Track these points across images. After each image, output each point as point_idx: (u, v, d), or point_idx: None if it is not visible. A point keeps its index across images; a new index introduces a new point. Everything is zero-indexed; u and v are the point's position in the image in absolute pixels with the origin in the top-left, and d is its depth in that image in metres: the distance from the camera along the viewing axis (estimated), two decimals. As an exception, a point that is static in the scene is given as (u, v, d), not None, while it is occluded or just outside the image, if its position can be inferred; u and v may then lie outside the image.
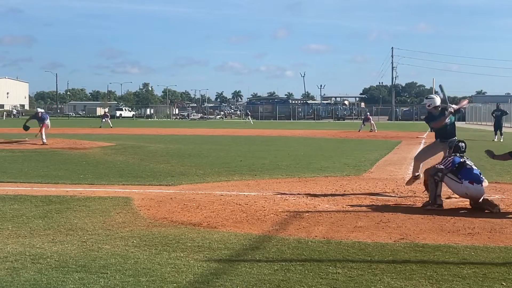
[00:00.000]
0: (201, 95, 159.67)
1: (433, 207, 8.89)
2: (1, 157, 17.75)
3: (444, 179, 9.05)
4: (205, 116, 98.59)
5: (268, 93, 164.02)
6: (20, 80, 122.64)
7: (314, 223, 7.72)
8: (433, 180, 9.10)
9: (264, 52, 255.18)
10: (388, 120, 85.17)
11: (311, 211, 8.60)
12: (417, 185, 10.85)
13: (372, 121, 42.32)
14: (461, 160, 9.22)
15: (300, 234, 6.99)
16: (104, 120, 54.07)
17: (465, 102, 11.68)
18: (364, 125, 42.30)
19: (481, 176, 9.12)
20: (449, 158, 9.33)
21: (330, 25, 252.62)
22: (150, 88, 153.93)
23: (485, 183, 9.09)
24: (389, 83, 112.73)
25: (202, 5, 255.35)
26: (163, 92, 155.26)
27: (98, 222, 7.65)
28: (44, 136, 22.96)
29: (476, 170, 9.16)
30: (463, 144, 9.64)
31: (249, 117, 71.76)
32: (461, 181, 8.90)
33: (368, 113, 45.42)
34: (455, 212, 8.61)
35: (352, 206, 9.10)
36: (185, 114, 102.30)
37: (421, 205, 9.17)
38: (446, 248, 6.27)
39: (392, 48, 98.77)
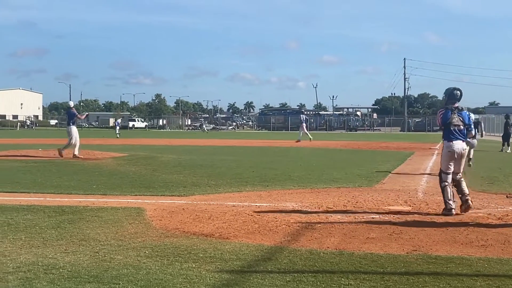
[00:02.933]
0: (213, 106, 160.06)
1: (445, 212, 9.29)
2: (14, 167, 17.85)
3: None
4: (218, 126, 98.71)
5: (280, 104, 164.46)
6: (34, 91, 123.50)
7: (326, 234, 7.70)
8: (440, 187, 9.60)
9: (276, 63, 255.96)
10: (400, 131, 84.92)
11: (323, 222, 8.57)
12: (430, 196, 10.81)
13: (304, 129, 41.49)
14: (448, 119, 9.59)
15: (312, 245, 6.97)
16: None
17: None
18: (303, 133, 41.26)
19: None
20: (439, 114, 9.75)
21: (342, 37, 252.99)
22: (162, 99, 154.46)
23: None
24: (401, 94, 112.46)
25: (214, 16, 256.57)
26: (175, 103, 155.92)
27: (110, 233, 7.67)
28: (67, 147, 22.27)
29: (462, 130, 9.61)
30: (458, 92, 9.79)
31: (204, 126, 72.43)
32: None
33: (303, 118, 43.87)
34: (468, 223, 8.55)
35: (364, 217, 9.07)
36: (198, 125, 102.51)
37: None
38: (459, 260, 6.23)
39: (404, 59, 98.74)
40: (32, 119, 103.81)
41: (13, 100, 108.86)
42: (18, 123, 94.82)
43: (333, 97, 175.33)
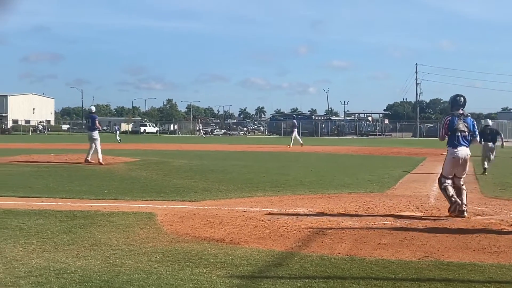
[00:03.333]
0: (225, 111, 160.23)
1: (454, 207, 9.55)
2: (26, 172, 17.95)
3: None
4: (229, 132, 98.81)
5: (291, 109, 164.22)
6: (46, 96, 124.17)
7: (337, 240, 7.68)
8: (441, 190, 9.92)
9: (287, 69, 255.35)
10: (412, 136, 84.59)
11: (334, 228, 8.55)
12: (442, 202, 10.76)
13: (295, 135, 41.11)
14: (455, 126, 9.71)
15: (323, 251, 6.96)
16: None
17: None
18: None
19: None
20: (446, 121, 9.88)
21: (353, 42, 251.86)
22: (174, 104, 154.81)
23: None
24: (413, 100, 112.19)
25: (225, 22, 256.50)
26: (186, 108, 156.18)
27: (121, 238, 7.69)
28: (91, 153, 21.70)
29: (467, 136, 9.77)
30: (461, 98, 9.95)
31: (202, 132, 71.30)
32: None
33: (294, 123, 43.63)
34: (480, 230, 8.50)
35: (375, 223, 9.04)
36: (209, 130, 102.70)
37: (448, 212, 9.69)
38: (471, 267, 6.19)
39: (416, 64, 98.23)
40: (44, 124, 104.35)
41: (26, 105, 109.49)
42: (30, 128, 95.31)
43: (344, 102, 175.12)
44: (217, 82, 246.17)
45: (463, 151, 9.73)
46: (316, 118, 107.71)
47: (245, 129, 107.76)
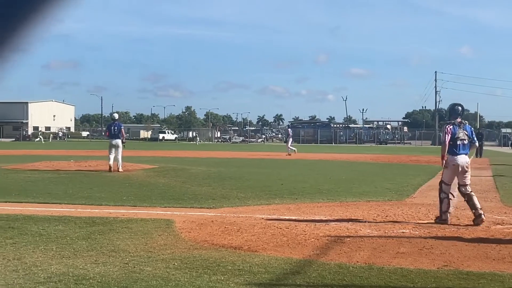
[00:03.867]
0: (243, 119, 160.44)
1: (440, 221, 9.74)
2: (46, 178, 18.09)
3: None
4: (247, 139, 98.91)
5: (309, 116, 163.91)
6: (66, 103, 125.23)
7: (356, 248, 7.64)
8: (439, 198, 10.09)
9: (305, 76, 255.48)
10: (431, 144, 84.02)
11: (352, 236, 8.52)
12: (461, 211, 10.68)
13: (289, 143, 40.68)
14: (456, 134, 9.92)
15: (341, 259, 6.93)
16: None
17: None
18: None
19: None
20: (448, 128, 10.06)
21: (371, 49, 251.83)
22: (192, 111, 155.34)
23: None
24: (432, 107, 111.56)
25: (243, 30, 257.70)
26: (205, 115, 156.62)
27: (140, 244, 7.72)
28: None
29: (466, 144, 10.00)
30: (459, 107, 10.31)
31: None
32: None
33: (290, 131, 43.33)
34: (500, 239, 8.42)
35: (394, 231, 8.99)
36: (227, 137, 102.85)
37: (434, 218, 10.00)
38: (491, 276, 6.13)
39: (435, 72, 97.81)
40: (64, 131, 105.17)
41: (46, 112, 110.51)
42: (51, 135, 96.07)
43: (363, 110, 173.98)
44: (236, 90, 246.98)
45: (463, 159, 10.01)
46: (335, 125, 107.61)
47: (263, 136, 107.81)
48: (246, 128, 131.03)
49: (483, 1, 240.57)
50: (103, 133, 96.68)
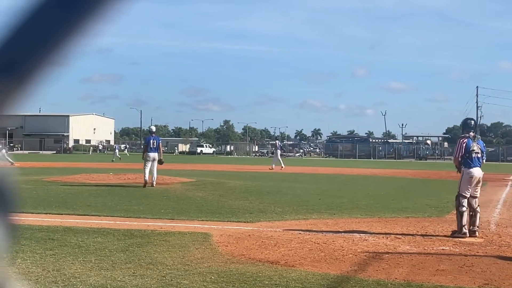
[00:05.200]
0: (281, 133, 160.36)
1: (459, 235, 9.81)
2: (86, 191, 18.33)
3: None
4: (285, 153, 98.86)
5: (348, 131, 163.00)
6: (106, 117, 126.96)
7: (394, 265, 7.54)
8: (457, 212, 10.19)
9: (344, 91, 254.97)
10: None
11: (391, 253, 8.41)
12: (503, 228, 10.47)
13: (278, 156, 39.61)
14: (471, 147, 10.18)
15: (379, 276, 6.84)
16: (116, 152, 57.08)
17: None
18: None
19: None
20: (462, 143, 10.30)
21: (410, 64, 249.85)
22: (231, 125, 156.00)
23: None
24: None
25: (281, 44, 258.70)
26: (243, 129, 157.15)
27: (177, 257, 7.74)
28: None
29: (479, 157, 10.32)
30: (472, 122, 10.69)
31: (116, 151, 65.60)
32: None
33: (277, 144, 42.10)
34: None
35: (434, 248, 8.85)
36: (265, 151, 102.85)
37: (451, 233, 10.11)
38: (535, 296, 5.98)
39: (477, 87, 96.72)
40: (104, 144, 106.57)
41: (86, 125, 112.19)
42: (91, 148, 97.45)
43: (402, 125, 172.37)
44: (274, 104, 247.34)
45: (478, 171, 10.31)
46: (373, 140, 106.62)
47: (301, 151, 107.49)
48: (284, 142, 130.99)
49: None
50: (141, 146, 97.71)
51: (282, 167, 37.96)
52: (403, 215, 13.18)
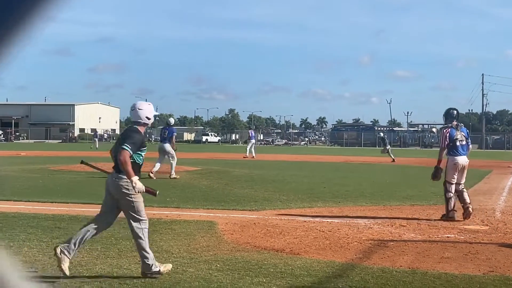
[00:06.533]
0: (286, 121, 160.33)
1: (448, 218, 10.33)
2: (92, 179, 18.36)
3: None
4: (290, 142, 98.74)
5: (353, 119, 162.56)
6: (111, 106, 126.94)
7: (399, 252, 7.56)
8: (445, 197, 10.66)
9: (348, 79, 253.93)
10: (478, 148, 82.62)
11: (396, 240, 8.43)
12: (508, 216, 10.48)
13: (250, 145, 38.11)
14: (454, 136, 10.62)
15: (384, 263, 6.87)
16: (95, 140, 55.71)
17: None
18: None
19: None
20: (446, 132, 10.73)
21: (416, 52, 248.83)
22: (236, 114, 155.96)
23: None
24: (479, 111, 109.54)
25: (285, 32, 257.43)
26: (248, 118, 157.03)
27: (183, 245, 7.78)
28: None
29: (464, 145, 10.79)
30: (455, 111, 11.19)
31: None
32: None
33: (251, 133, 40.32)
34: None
35: (439, 236, 8.87)
36: (270, 140, 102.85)
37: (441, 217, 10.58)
38: (539, 283, 5.99)
39: (482, 74, 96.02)
40: (110, 133, 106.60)
41: (92, 114, 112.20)
42: (96, 140, 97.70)
43: (407, 113, 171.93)
44: (279, 93, 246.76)
45: (462, 158, 10.78)
46: (379, 128, 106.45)
47: (306, 139, 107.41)
48: (289, 130, 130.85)
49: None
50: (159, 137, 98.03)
51: (245, 156, 36.25)
52: (408, 203, 13.20)
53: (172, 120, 21.99)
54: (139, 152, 6.37)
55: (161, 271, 6.07)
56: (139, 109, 6.60)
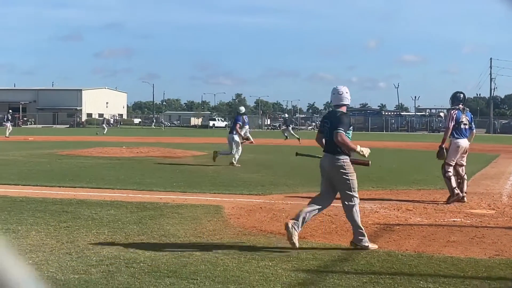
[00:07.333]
0: (293, 106, 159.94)
1: (454, 198, 10.45)
2: (99, 164, 18.45)
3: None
4: (297, 126, 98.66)
5: (360, 104, 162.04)
6: (119, 91, 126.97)
7: (405, 236, 7.58)
8: (445, 178, 10.81)
9: (356, 64, 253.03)
10: (486, 132, 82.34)
11: (402, 224, 8.44)
12: (515, 200, 10.45)
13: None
14: (460, 119, 10.76)
15: (390, 247, 6.88)
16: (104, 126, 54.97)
17: None
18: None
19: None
20: (453, 114, 10.80)
21: (423, 36, 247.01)
22: (242, 99, 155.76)
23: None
24: (487, 95, 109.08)
25: (293, 17, 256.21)
26: (255, 102, 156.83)
27: (189, 229, 7.82)
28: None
29: (467, 128, 10.94)
30: (461, 95, 11.19)
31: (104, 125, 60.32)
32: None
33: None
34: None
35: (445, 220, 8.87)
36: (277, 124, 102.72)
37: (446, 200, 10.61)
38: (545, 267, 6.00)
39: (490, 58, 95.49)
40: (117, 118, 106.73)
41: (99, 99, 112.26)
42: (105, 127, 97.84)
43: (415, 97, 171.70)
44: (286, 77, 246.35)
45: (465, 141, 10.94)
46: (386, 113, 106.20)
47: (314, 124, 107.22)
48: (296, 115, 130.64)
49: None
50: (154, 120, 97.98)
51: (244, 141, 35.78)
52: (415, 187, 13.20)
53: (243, 109, 21.07)
54: (348, 132, 7.19)
55: (370, 247, 6.68)
56: (339, 93, 7.29)
